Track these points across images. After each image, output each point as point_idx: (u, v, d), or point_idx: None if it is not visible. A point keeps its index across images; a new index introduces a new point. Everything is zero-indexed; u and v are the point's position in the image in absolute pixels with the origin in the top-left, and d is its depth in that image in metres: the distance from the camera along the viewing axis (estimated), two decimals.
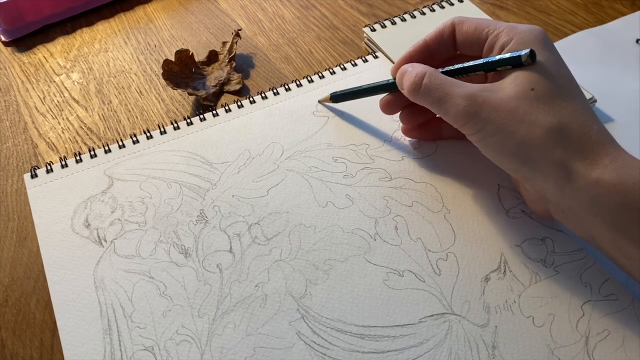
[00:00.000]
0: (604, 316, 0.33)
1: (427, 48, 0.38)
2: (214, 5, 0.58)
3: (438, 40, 0.38)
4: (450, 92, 0.33)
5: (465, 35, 0.37)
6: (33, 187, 0.40)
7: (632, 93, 0.46)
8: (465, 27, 0.36)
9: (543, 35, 0.34)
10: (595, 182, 0.29)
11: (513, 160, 0.32)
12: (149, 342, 0.32)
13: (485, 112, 0.32)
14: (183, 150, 0.42)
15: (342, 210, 0.38)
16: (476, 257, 0.35)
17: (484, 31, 0.35)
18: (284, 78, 0.50)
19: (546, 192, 0.32)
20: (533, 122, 0.31)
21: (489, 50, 0.35)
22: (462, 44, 0.37)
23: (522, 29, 0.34)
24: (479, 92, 0.33)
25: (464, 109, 0.32)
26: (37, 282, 0.36)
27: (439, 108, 0.34)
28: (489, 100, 0.32)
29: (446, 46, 0.38)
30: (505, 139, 0.32)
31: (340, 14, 0.56)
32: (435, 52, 0.38)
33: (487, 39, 0.35)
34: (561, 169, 0.30)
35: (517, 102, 0.31)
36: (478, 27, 0.36)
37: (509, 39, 0.34)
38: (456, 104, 0.33)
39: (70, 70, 0.52)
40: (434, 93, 0.34)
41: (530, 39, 0.33)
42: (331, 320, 0.33)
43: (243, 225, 0.38)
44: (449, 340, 0.32)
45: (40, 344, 0.34)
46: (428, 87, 0.34)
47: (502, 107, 0.32)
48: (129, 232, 0.37)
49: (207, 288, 0.34)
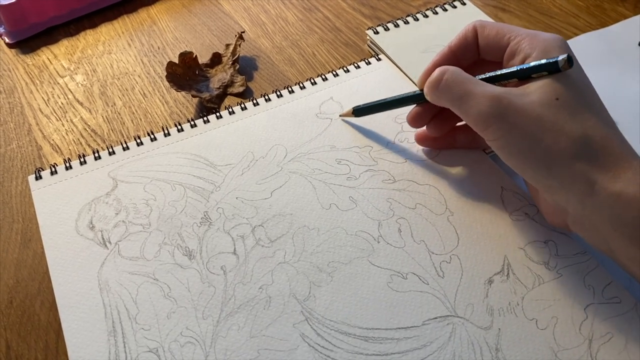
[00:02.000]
0: (607, 319, 0.33)
1: (453, 54, 0.37)
2: (217, 8, 0.58)
3: (463, 45, 0.37)
4: (472, 91, 0.32)
5: (486, 40, 0.36)
6: (37, 189, 0.40)
7: (634, 95, 0.46)
8: (487, 31, 0.36)
9: (565, 44, 0.33)
10: (617, 196, 0.29)
11: (536, 169, 0.31)
12: (154, 344, 0.32)
13: (511, 117, 0.31)
14: (187, 153, 0.42)
15: (346, 212, 0.38)
16: (479, 259, 0.36)
17: (505, 37, 0.35)
18: (287, 80, 0.50)
19: (566, 204, 0.31)
20: (559, 132, 0.30)
21: (510, 56, 0.35)
22: (484, 49, 0.37)
23: (544, 37, 0.33)
24: (504, 93, 0.31)
25: (487, 109, 0.31)
26: (42, 284, 0.37)
27: (459, 107, 0.33)
28: (515, 104, 0.31)
29: (471, 50, 0.37)
30: (531, 146, 0.31)
31: (343, 17, 0.56)
32: (460, 58, 0.37)
33: (509, 44, 0.35)
34: (584, 181, 0.30)
35: (543, 110, 0.31)
36: (499, 32, 0.35)
37: (532, 48, 0.33)
38: (479, 103, 0.32)
39: (74, 72, 0.52)
40: (455, 89, 0.33)
41: (552, 48, 0.33)
42: (335, 322, 0.33)
43: (247, 227, 0.38)
44: (452, 343, 0.32)
45: (45, 345, 0.34)
46: (449, 83, 0.33)
47: (529, 113, 0.31)
48: (133, 234, 0.37)
49: (211, 290, 0.35)
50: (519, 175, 0.33)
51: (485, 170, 0.40)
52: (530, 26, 0.53)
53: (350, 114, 0.43)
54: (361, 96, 0.46)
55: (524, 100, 0.31)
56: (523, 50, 0.34)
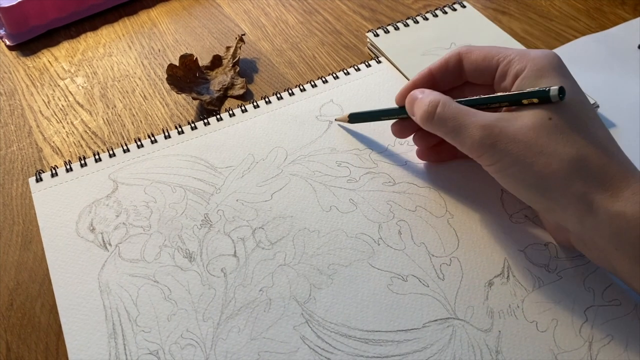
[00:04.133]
0: (607, 321, 0.33)
1: (432, 77, 0.37)
2: (218, 10, 0.58)
3: (443, 70, 0.37)
4: (465, 122, 0.32)
5: (474, 65, 0.36)
6: (38, 191, 0.40)
7: (634, 98, 0.46)
8: (474, 56, 0.36)
9: (557, 60, 0.33)
10: (616, 215, 0.29)
11: (532, 193, 0.31)
12: (154, 346, 0.32)
13: (502, 144, 0.31)
14: (187, 155, 0.42)
15: (346, 214, 0.38)
16: (480, 262, 0.36)
17: (494, 59, 0.35)
18: (287, 83, 0.50)
19: (566, 224, 0.31)
20: (552, 154, 0.30)
21: (502, 78, 0.35)
22: (471, 73, 0.36)
23: (535, 55, 0.33)
24: (495, 122, 0.32)
25: (480, 139, 0.32)
26: (42, 286, 0.37)
27: (453, 138, 0.34)
28: (506, 131, 0.31)
29: (451, 76, 0.37)
30: (524, 171, 0.31)
31: (343, 19, 0.56)
32: (439, 81, 0.37)
33: (499, 66, 0.34)
34: (581, 202, 0.30)
35: (535, 133, 0.31)
36: (487, 56, 0.35)
37: (523, 66, 0.33)
38: (472, 134, 0.32)
39: (75, 75, 0.52)
40: (448, 123, 0.33)
41: (544, 65, 0.32)
42: (335, 324, 0.33)
43: (247, 229, 0.38)
44: (452, 345, 0.32)
45: (46, 347, 0.34)
46: (442, 116, 0.34)
47: (519, 138, 0.31)
48: (133, 236, 0.37)
49: (211, 292, 0.35)
50: None
51: (485, 172, 0.40)
52: (530, 29, 0.53)
53: (346, 119, 0.43)
54: (361, 98, 0.46)
55: (515, 125, 0.31)
56: (514, 68, 0.33)
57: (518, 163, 0.31)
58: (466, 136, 0.32)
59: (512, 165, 0.31)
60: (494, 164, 0.32)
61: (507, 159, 0.31)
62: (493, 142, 0.31)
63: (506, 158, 0.31)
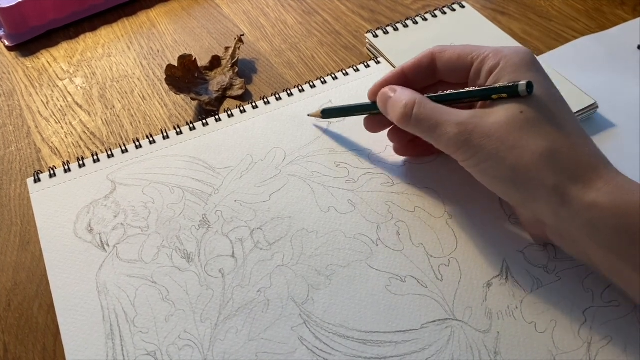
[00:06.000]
0: (606, 322, 0.33)
1: (404, 76, 0.38)
2: (217, 11, 0.58)
3: (415, 69, 0.37)
4: (440, 121, 0.33)
5: (447, 64, 0.36)
6: (36, 192, 0.40)
7: (634, 99, 0.46)
8: (448, 56, 0.36)
9: (530, 56, 0.34)
10: (589, 206, 0.29)
11: (506, 186, 0.32)
12: (152, 347, 0.32)
13: (476, 140, 0.32)
14: (186, 155, 0.42)
15: (344, 215, 0.38)
16: (478, 262, 0.36)
17: (469, 57, 0.35)
18: (286, 83, 0.50)
19: (542, 216, 0.32)
20: (523, 147, 0.31)
21: (476, 75, 0.35)
22: (445, 72, 0.37)
23: (508, 52, 0.34)
24: (469, 119, 0.32)
25: (454, 136, 0.32)
26: (40, 287, 0.36)
27: (430, 137, 0.34)
28: (480, 127, 0.32)
29: (424, 75, 0.38)
30: (497, 165, 0.31)
31: (342, 20, 0.56)
32: (412, 80, 0.38)
33: (473, 65, 0.35)
34: (555, 194, 0.30)
35: (507, 128, 0.31)
36: (462, 54, 0.35)
37: (496, 62, 0.33)
38: (447, 132, 0.33)
39: (74, 75, 0.52)
40: (425, 123, 0.34)
41: (517, 62, 0.33)
42: (333, 325, 0.33)
43: (245, 230, 0.38)
44: (451, 346, 0.32)
45: (43, 348, 0.34)
46: (418, 117, 0.34)
47: (492, 133, 0.31)
48: (131, 237, 0.37)
49: (209, 293, 0.35)
50: None
51: None
52: (529, 29, 0.53)
53: (319, 114, 0.43)
54: (360, 99, 0.46)
55: (488, 121, 0.32)
56: (488, 65, 0.34)
57: (491, 158, 0.31)
58: (441, 134, 0.33)
59: (486, 160, 0.32)
60: (468, 160, 0.33)
61: (481, 154, 0.32)
62: (467, 139, 0.32)
63: (480, 153, 0.32)
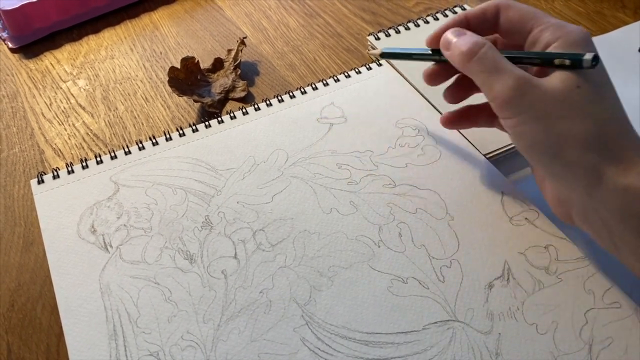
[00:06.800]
0: (607, 324, 0.33)
1: (467, 23, 0.37)
2: (219, 13, 0.58)
3: (479, 19, 0.36)
4: (502, 68, 0.32)
5: (509, 22, 0.35)
6: (40, 193, 0.41)
7: (635, 101, 0.46)
8: (511, 13, 0.35)
9: (589, 38, 0.33)
10: (625, 189, 0.29)
11: (545, 154, 0.32)
12: (154, 348, 0.32)
13: (529, 98, 0.31)
14: (188, 157, 0.42)
15: (346, 216, 0.38)
16: (480, 264, 0.36)
17: (530, 22, 0.34)
18: (288, 85, 0.50)
19: (573, 193, 0.32)
20: (575, 119, 0.30)
21: (532, 44, 0.34)
22: (505, 30, 0.36)
23: (569, 29, 0.33)
24: (529, 77, 0.32)
25: (510, 88, 0.32)
26: (44, 287, 0.37)
27: (485, 80, 0.33)
28: (537, 88, 0.31)
29: (486, 27, 0.37)
30: (543, 131, 0.31)
31: (344, 22, 0.56)
32: (473, 29, 0.36)
33: (532, 32, 0.34)
34: (593, 172, 0.30)
35: (563, 97, 0.31)
36: (525, 17, 0.35)
37: (555, 37, 0.33)
38: (505, 80, 0.32)
39: (77, 77, 0.52)
40: (487, 63, 0.33)
41: (577, 40, 0.32)
42: (335, 326, 0.33)
43: (248, 231, 0.38)
44: (452, 347, 0.32)
45: (47, 349, 0.34)
46: (483, 56, 0.33)
47: (547, 98, 0.31)
48: (134, 238, 0.38)
49: (212, 294, 0.35)
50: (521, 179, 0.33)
51: (485, 174, 0.40)
52: None
53: (378, 54, 0.43)
54: (362, 101, 0.46)
55: (546, 84, 0.31)
56: (545, 38, 0.33)
57: (539, 121, 0.31)
58: (499, 81, 0.32)
59: (533, 121, 0.31)
60: (515, 117, 0.32)
61: (531, 114, 0.31)
62: (522, 94, 0.31)
63: (530, 112, 0.31)
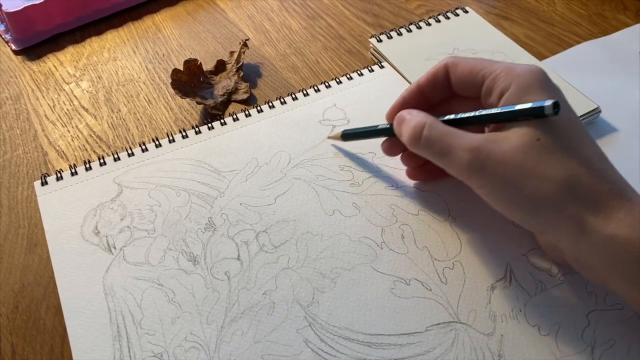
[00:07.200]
0: (609, 325, 0.33)
1: (421, 92, 0.37)
2: (222, 16, 0.59)
3: (432, 84, 0.36)
4: (452, 145, 0.32)
5: (460, 78, 0.35)
6: (43, 195, 0.41)
7: (636, 103, 0.46)
8: (460, 70, 0.35)
9: (543, 76, 0.32)
10: (610, 239, 0.28)
11: (523, 215, 0.31)
12: (158, 349, 0.33)
13: (490, 167, 0.30)
14: (191, 159, 0.43)
15: (349, 218, 0.38)
16: (482, 266, 0.36)
17: (480, 74, 0.34)
18: (291, 87, 0.50)
19: (560, 245, 0.31)
20: (541, 176, 0.29)
21: (488, 94, 0.34)
22: (458, 86, 0.36)
23: (520, 72, 0.32)
24: (482, 144, 0.31)
25: (467, 162, 0.31)
26: (47, 289, 0.37)
27: (441, 161, 0.33)
28: (494, 154, 0.30)
29: (440, 89, 0.36)
30: (513, 194, 0.30)
31: (346, 25, 0.56)
32: (429, 96, 0.37)
33: (484, 82, 0.34)
34: (574, 224, 0.29)
35: (523, 155, 0.30)
36: (473, 70, 0.34)
37: (508, 83, 0.32)
38: (459, 157, 0.31)
39: (80, 79, 0.52)
40: (435, 145, 0.33)
41: (530, 82, 0.32)
42: (338, 328, 0.33)
43: (251, 233, 0.38)
44: (455, 349, 0.32)
45: (51, 350, 0.34)
46: (428, 139, 0.33)
47: (507, 161, 0.30)
48: (138, 240, 0.38)
49: (215, 295, 0.35)
50: None
51: None
52: (532, 34, 0.54)
53: (339, 137, 0.42)
54: (364, 103, 0.46)
55: (503, 147, 0.30)
56: (500, 85, 0.33)
57: (507, 186, 0.30)
58: (454, 159, 0.32)
59: (501, 188, 0.31)
60: (483, 187, 0.32)
61: (497, 182, 0.31)
62: (481, 166, 0.31)
63: (495, 181, 0.31)
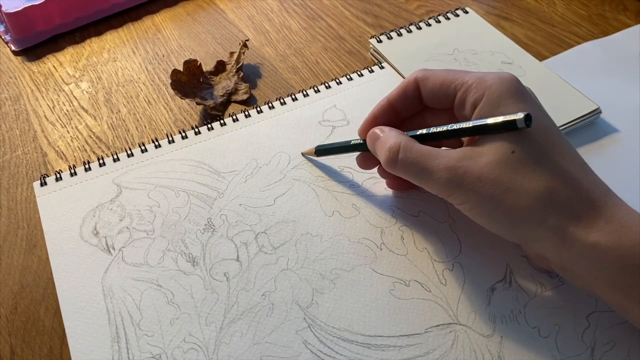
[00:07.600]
0: (609, 327, 0.33)
1: (391, 107, 0.37)
2: (222, 16, 0.59)
3: (402, 99, 0.36)
4: (429, 166, 0.32)
5: (431, 92, 0.35)
6: (42, 195, 0.41)
7: (637, 104, 0.46)
8: (431, 84, 0.34)
9: (516, 85, 0.32)
10: (592, 247, 0.28)
11: (505, 229, 0.31)
12: (157, 350, 0.33)
13: (468, 184, 0.30)
14: (191, 159, 0.43)
15: (349, 219, 0.38)
16: (482, 267, 0.36)
17: (451, 86, 0.33)
18: (290, 88, 0.50)
19: (544, 254, 0.31)
20: (519, 190, 0.29)
21: (460, 106, 0.33)
22: (430, 100, 0.35)
23: (491, 82, 0.32)
24: (459, 162, 0.31)
25: (446, 182, 0.31)
26: (46, 290, 0.37)
27: (419, 182, 0.33)
28: (471, 170, 0.30)
29: (411, 103, 0.36)
30: (493, 209, 0.30)
31: (346, 25, 0.56)
32: (400, 110, 0.37)
33: (456, 94, 0.33)
34: (556, 235, 0.29)
35: (500, 169, 0.30)
36: (444, 82, 0.34)
37: (480, 94, 0.32)
38: (437, 178, 0.31)
39: (79, 80, 0.52)
40: (412, 168, 0.33)
41: (502, 93, 0.31)
42: (337, 329, 0.33)
43: (250, 234, 0.38)
44: (454, 351, 0.32)
45: (49, 351, 0.34)
46: (405, 161, 0.33)
47: (484, 177, 0.30)
48: (137, 240, 0.38)
49: (214, 296, 0.35)
50: None
51: None
52: (532, 35, 0.54)
53: (313, 152, 0.42)
54: (364, 104, 0.46)
55: (479, 163, 0.30)
56: (472, 97, 0.32)
57: (487, 202, 0.30)
58: (432, 180, 0.32)
59: (481, 203, 0.31)
60: (463, 203, 0.32)
61: (476, 198, 0.30)
62: (459, 184, 0.30)
63: (474, 197, 0.30)
